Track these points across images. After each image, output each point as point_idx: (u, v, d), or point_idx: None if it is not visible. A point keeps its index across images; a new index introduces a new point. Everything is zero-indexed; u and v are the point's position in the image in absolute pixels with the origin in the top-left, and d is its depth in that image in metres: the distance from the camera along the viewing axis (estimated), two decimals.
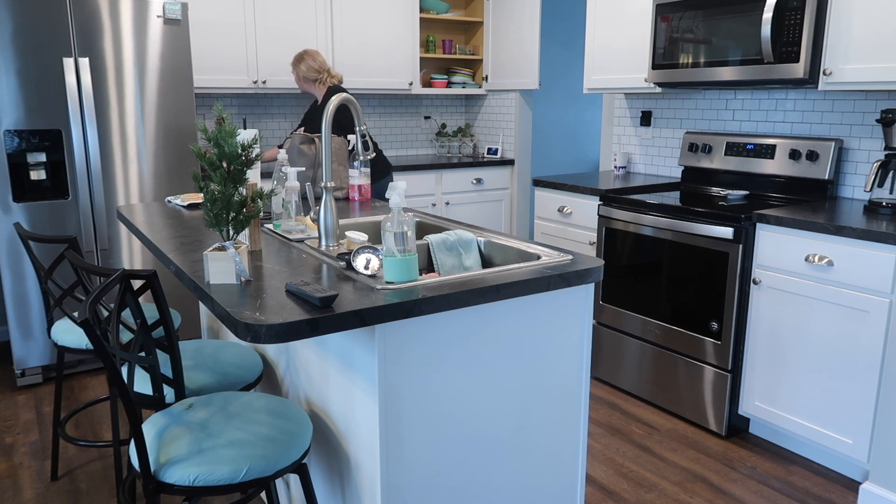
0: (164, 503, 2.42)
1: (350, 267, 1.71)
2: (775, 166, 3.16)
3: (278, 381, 2.17)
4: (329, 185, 1.97)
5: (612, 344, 3.34)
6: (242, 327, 1.37)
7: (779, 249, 2.62)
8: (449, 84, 5.07)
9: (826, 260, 2.47)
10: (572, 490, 1.94)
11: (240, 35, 4.05)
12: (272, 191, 2.29)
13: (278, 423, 1.60)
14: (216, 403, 1.69)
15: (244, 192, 1.72)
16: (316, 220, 2.21)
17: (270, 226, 2.29)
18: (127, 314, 2.32)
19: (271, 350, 2.20)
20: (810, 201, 2.94)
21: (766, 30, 2.75)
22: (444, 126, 5.12)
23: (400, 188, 1.58)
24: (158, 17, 3.41)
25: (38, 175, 3.25)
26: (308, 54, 3.70)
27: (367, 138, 2.10)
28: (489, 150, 4.96)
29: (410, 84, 4.75)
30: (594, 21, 3.72)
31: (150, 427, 1.58)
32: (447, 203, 4.66)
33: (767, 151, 3.19)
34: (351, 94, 2.90)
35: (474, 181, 4.76)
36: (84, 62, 3.26)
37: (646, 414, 3.09)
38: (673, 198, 3.15)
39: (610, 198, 3.27)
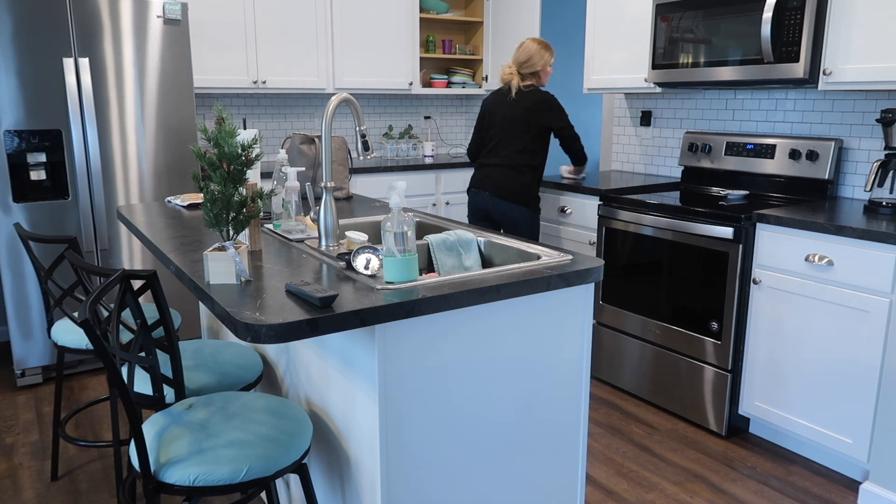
0: (164, 503, 2.42)
1: (350, 267, 1.71)
2: (775, 166, 3.16)
3: (278, 381, 2.17)
4: (329, 185, 1.97)
5: (612, 344, 3.34)
6: (242, 327, 1.37)
7: (779, 249, 2.62)
8: (449, 84, 5.07)
9: (826, 260, 2.47)
10: (572, 490, 1.94)
11: (240, 35, 4.05)
12: (272, 191, 2.29)
13: (278, 423, 1.60)
14: (216, 403, 1.69)
15: (244, 192, 1.72)
16: (316, 220, 2.21)
17: (270, 226, 2.29)
18: (127, 314, 2.32)
19: (271, 350, 2.20)
20: (810, 201, 2.94)
21: (765, 30, 2.75)
22: (390, 128, 5.07)
23: (400, 188, 1.58)
24: (158, 17, 3.41)
25: (38, 175, 3.25)
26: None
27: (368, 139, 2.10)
28: None
29: (410, 84, 4.75)
30: (594, 21, 3.72)
31: (150, 427, 1.58)
32: (447, 203, 4.66)
33: (767, 151, 3.19)
34: (351, 95, 2.90)
35: None
36: (84, 62, 3.26)
37: (646, 414, 3.09)
38: (673, 198, 3.15)
39: (610, 198, 3.27)
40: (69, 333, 2.32)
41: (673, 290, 2.99)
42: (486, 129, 3.41)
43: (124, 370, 1.71)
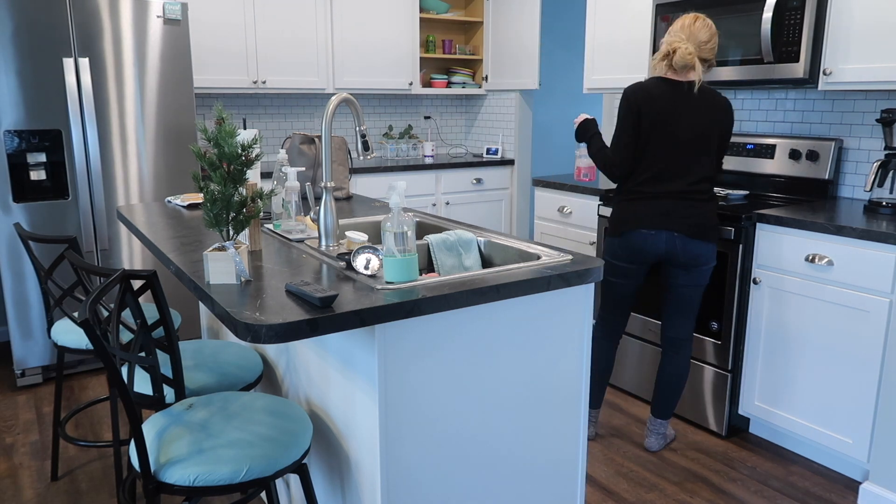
0: (164, 503, 2.42)
1: (350, 267, 1.71)
2: (775, 166, 3.16)
3: (278, 381, 2.18)
4: (329, 185, 1.97)
5: None
6: (242, 327, 1.37)
7: (779, 249, 2.62)
8: (449, 84, 5.07)
9: (826, 260, 2.46)
10: (572, 490, 1.94)
11: (240, 35, 4.05)
12: (272, 191, 2.29)
13: (278, 423, 1.60)
14: (216, 403, 1.69)
15: (244, 192, 1.72)
16: (316, 220, 2.21)
17: (270, 226, 2.29)
18: (127, 314, 2.32)
19: (271, 350, 2.21)
20: (810, 201, 2.94)
21: (765, 29, 2.75)
22: (390, 128, 5.07)
23: (400, 188, 1.58)
24: (158, 17, 3.41)
25: (38, 175, 3.25)
26: None
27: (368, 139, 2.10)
28: (489, 150, 4.96)
29: (410, 84, 4.75)
30: (594, 21, 3.72)
31: (150, 427, 1.59)
32: (447, 203, 4.66)
33: (767, 151, 3.19)
34: (351, 95, 2.90)
35: (474, 181, 4.76)
36: (84, 62, 3.26)
37: (646, 414, 3.09)
38: None
39: (610, 198, 3.27)
40: (69, 333, 2.32)
41: None
42: (647, 138, 2.44)
43: (124, 370, 1.71)
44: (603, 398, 2.86)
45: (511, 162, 4.94)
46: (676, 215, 2.45)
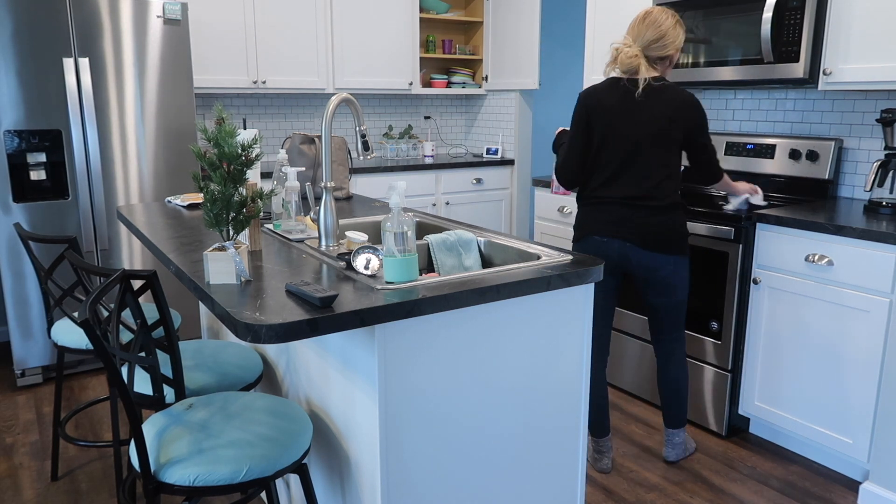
0: (164, 503, 2.42)
1: (350, 267, 1.71)
2: (775, 166, 3.16)
3: (278, 381, 2.18)
4: (329, 185, 1.97)
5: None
6: (242, 327, 1.37)
7: (779, 249, 2.62)
8: (449, 84, 5.07)
9: (826, 260, 2.47)
10: (572, 490, 1.94)
11: (240, 35, 4.05)
12: (272, 191, 2.29)
13: (278, 423, 1.60)
14: (216, 403, 1.69)
15: (244, 192, 1.72)
16: (316, 220, 2.21)
17: (270, 226, 2.29)
18: (127, 314, 2.32)
19: (271, 350, 2.21)
20: (810, 201, 2.94)
21: (765, 30, 2.75)
22: (390, 128, 5.06)
23: (400, 188, 1.58)
24: (158, 17, 3.41)
25: (38, 175, 3.25)
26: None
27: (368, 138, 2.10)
28: (489, 150, 4.96)
29: (410, 84, 4.75)
30: (594, 21, 3.72)
31: (150, 427, 1.59)
32: (447, 203, 4.66)
33: (767, 151, 3.19)
34: (351, 95, 2.90)
35: (474, 181, 4.76)
36: (84, 62, 3.26)
37: (646, 414, 3.09)
38: None
39: None
40: (69, 333, 2.32)
41: None
42: (599, 143, 2.39)
43: (124, 370, 1.71)
44: (610, 424, 2.71)
45: (511, 162, 4.94)
46: (629, 223, 2.36)
